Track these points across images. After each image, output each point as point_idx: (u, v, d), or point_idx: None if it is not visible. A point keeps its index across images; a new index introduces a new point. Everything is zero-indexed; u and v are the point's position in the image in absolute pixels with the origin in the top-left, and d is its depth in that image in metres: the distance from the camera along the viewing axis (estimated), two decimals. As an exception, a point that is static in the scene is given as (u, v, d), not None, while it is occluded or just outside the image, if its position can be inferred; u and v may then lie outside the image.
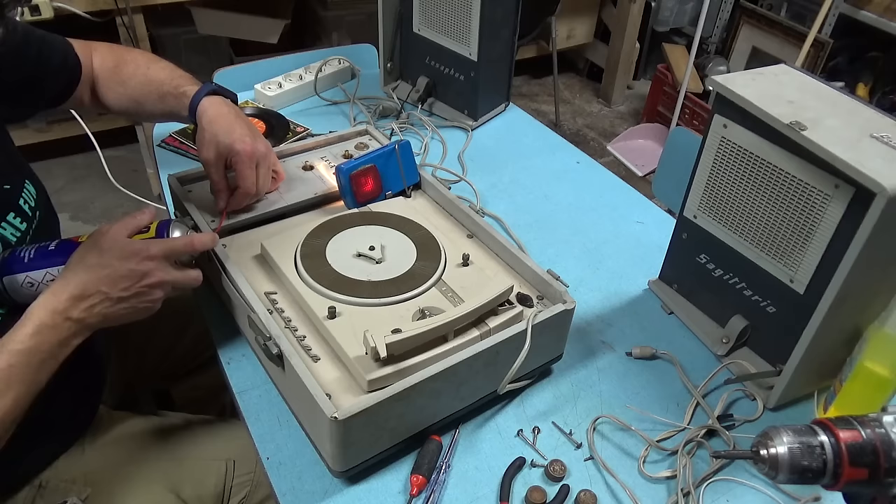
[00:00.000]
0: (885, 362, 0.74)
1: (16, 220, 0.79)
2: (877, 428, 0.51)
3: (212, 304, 0.91)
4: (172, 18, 2.28)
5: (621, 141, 2.82)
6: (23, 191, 0.82)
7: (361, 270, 0.84)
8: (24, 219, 0.81)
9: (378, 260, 0.86)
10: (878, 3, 2.30)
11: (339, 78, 1.46)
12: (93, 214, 2.27)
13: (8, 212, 0.78)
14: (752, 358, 0.89)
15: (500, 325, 0.77)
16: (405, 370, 0.71)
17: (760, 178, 0.78)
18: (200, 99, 0.94)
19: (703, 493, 0.73)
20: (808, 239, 0.75)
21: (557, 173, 1.25)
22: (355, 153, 1.08)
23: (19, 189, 0.82)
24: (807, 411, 0.84)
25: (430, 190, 1.02)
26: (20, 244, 0.79)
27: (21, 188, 0.82)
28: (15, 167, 0.84)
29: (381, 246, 0.87)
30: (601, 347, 0.91)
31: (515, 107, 1.45)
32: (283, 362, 0.72)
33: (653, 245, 1.06)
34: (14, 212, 0.79)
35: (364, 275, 0.83)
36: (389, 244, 0.88)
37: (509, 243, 0.89)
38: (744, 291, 0.86)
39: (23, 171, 0.86)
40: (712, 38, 2.87)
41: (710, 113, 0.82)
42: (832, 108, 0.74)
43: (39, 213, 0.84)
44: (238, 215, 0.94)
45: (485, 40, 1.25)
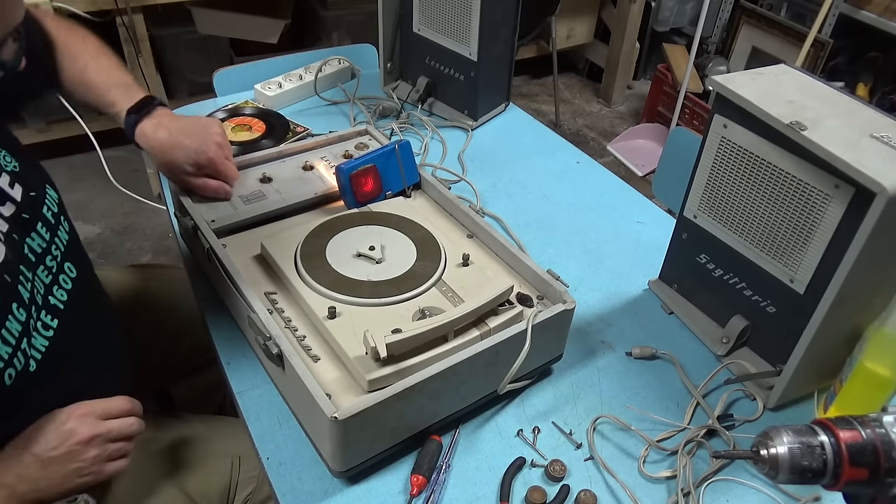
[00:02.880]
0: (885, 362, 0.74)
1: (42, 229, 0.77)
2: (877, 428, 0.51)
3: (212, 303, 0.91)
4: (172, 18, 2.28)
5: (621, 141, 2.82)
6: (45, 197, 0.80)
7: (361, 270, 0.84)
8: (48, 227, 0.78)
9: (378, 260, 0.86)
10: (878, 3, 2.29)
11: (339, 78, 1.46)
12: (93, 214, 2.27)
13: (36, 222, 0.76)
14: (752, 358, 0.89)
15: (500, 325, 0.77)
16: (405, 370, 0.71)
17: (760, 178, 0.78)
18: (134, 127, 0.92)
19: (703, 493, 0.73)
20: (808, 239, 0.75)
21: (557, 173, 1.25)
22: (355, 153, 1.08)
23: (42, 196, 0.79)
24: (807, 411, 0.84)
25: (430, 190, 1.02)
26: (45, 255, 0.76)
27: (44, 194, 0.80)
28: (36, 171, 0.82)
29: (382, 246, 0.87)
30: (601, 347, 0.91)
31: (515, 107, 1.45)
32: (284, 362, 0.72)
33: (653, 245, 1.06)
34: (41, 221, 0.77)
35: (364, 275, 0.83)
36: (389, 244, 0.88)
37: (509, 243, 0.89)
38: (744, 291, 0.86)
39: (42, 174, 0.83)
40: (712, 38, 2.87)
41: (710, 113, 0.82)
42: (832, 108, 0.74)
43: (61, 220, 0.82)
44: (239, 215, 0.93)
45: (485, 40, 1.25)
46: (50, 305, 0.75)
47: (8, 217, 0.72)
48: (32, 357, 0.71)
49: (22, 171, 0.77)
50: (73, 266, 0.81)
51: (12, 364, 0.67)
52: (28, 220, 0.75)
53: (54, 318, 0.75)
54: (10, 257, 0.69)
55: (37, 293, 0.73)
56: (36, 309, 0.73)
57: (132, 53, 2.07)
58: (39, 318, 0.73)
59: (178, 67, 2.45)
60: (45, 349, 0.73)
